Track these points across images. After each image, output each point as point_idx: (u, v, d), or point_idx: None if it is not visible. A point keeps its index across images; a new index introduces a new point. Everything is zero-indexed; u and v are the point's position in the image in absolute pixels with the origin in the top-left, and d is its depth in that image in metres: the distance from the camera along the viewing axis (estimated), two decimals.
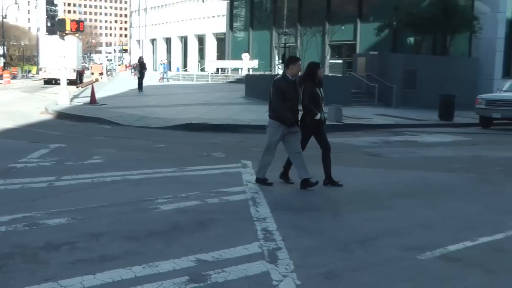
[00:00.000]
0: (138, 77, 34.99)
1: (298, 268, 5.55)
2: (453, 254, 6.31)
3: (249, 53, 50.93)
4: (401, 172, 11.64)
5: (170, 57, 75.74)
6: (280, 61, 42.98)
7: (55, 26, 34.33)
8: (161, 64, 54.22)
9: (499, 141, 19.35)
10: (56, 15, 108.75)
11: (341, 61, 45.20)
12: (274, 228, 6.92)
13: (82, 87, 38.28)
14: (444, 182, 10.81)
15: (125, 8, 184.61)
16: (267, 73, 43.47)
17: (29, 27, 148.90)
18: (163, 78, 50.54)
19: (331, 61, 44.91)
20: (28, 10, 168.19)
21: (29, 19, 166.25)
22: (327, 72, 42.28)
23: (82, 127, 17.96)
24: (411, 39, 38.48)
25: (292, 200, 8.63)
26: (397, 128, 21.38)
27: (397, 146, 16.05)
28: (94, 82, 40.49)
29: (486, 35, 35.73)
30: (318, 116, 9.48)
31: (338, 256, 6.02)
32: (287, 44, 40.41)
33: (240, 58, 49.90)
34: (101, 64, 62.60)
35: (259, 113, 22.80)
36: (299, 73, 9.63)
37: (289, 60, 9.38)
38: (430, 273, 5.68)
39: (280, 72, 42.63)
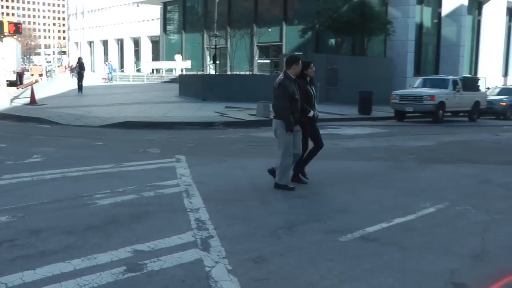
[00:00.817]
0: (77, 78, 34.16)
1: (229, 254, 5.56)
2: (371, 235, 6.46)
3: (181, 55, 50.69)
4: (324, 162, 11.75)
5: (107, 59, 74.40)
6: (212, 62, 42.87)
7: None
8: (106, 65, 53.16)
9: (412, 132, 19.87)
10: None
11: (269, 61, 45.48)
12: (207, 218, 6.90)
13: (22, 88, 37.07)
14: (363, 170, 11.05)
15: (63, 11, 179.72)
16: (199, 73, 43.31)
17: None
18: (108, 78, 49.58)
19: (259, 61, 45.11)
20: None
21: None
22: (255, 71, 42.47)
23: (22, 127, 17.40)
24: (332, 41, 39.06)
25: (224, 191, 8.60)
26: (321, 122, 21.28)
27: (322, 139, 16.21)
28: (34, 83, 39.37)
29: (398, 37, 36.77)
30: (311, 114, 9.19)
31: (267, 242, 6.05)
32: (217, 46, 40.35)
33: (174, 59, 49.56)
34: (40, 65, 60.81)
35: (192, 111, 22.76)
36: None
37: (291, 60, 8.80)
38: (350, 253, 5.79)
39: (212, 72, 43.00)
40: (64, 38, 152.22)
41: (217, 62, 43.02)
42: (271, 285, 4.84)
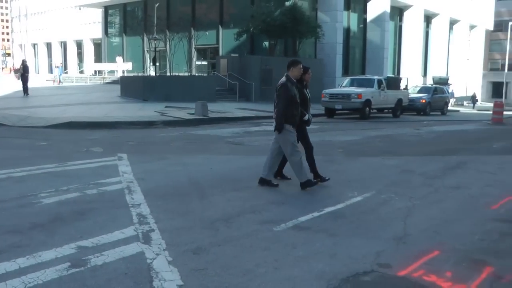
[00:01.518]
0: (22, 81, 32.99)
1: (169, 246, 5.50)
2: (304, 224, 6.52)
3: (122, 57, 49.92)
4: (259, 158, 11.71)
5: (51, 61, 72.39)
6: (152, 63, 42.36)
7: None
8: (56, 67, 51.60)
9: (341, 128, 20.23)
10: None
11: (206, 63, 45.36)
12: (148, 212, 6.80)
13: None
14: None
15: (7, 14, 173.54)
16: (140, 74, 42.71)
17: None
18: (60, 81, 48.14)
19: (197, 62, 44.89)
20: None
21: None
22: (194, 72, 42.22)
23: None
24: (266, 43, 39.28)
25: (164, 187, 8.50)
26: (256, 120, 21.75)
27: (256, 135, 16.31)
28: None
29: (328, 40, 37.38)
30: (306, 117, 8.92)
31: (205, 234, 6.01)
32: (157, 48, 39.88)
33: (115, 61, 48.75)
34: None
35: (133, 110, 22.41)
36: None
37: (291, 63, 8.51)
38: (284, 241, 5.83)
39: (152, 73, 42.43)
40: (8, 40, 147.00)
41: (157, 64, 42.55)
42: (210, 274, 4.82)
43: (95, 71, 55.44)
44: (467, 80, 64.42)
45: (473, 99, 53.71)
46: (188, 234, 5.96)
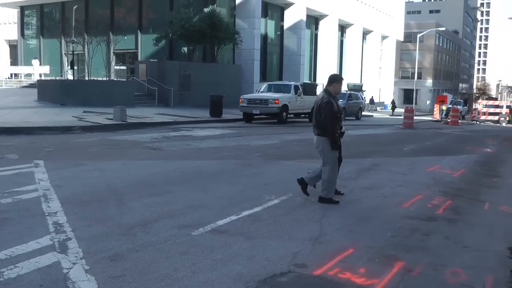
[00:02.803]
0: None
1: (86, 254, 5.33)
2: (221, 228, 6.50)
3: (39, 60, 48.16)
4: (178, 162, 11.73)
5: None
6: (70, 67, 41.10)
7: None
8: None
9: (258, 132, 20.36)
10: None
11: (125, 68, 44.55)
12: (64, 220, 6.56)
13: None
14: (214, 168, 11.11)
15: None
16: (58, 78, 41.32)
17: None
18: None
19: (116, 67, 44.03)
20: None
21: None
22: (112, 77, 41.38)
23: None
24: (185, 49, 39.07)
25: (81, 194, 8.22)
26: (175, 125, 21.56)
27: (175, 140, 16.14)
28: None
29: (246, 46, 37.66)
30: (343, 129, 8.75)
31: (123, 240, 5.87)
32: (75, 52, 38.74)
33: (32, 64, 46.95)
34: None
35: (51, 115, 21.64)
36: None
37: (334, 79, 8.32)
38: (202, 245, 5.79)
39: (70, 77, 41.15)
40: None
41: (75, 68, 41.31)
42: (127, 281, 4.71)
43: (11, 74, 53.07)
44: (380, 87, 66.87)
45: (393, 105, 55.94)
46: (105, 241, 5.80)
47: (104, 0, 44.49)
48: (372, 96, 60.98)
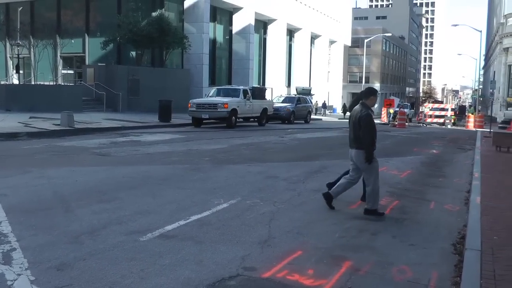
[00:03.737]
0: None
1: (32, 265, 5.20)
2: (170, 233, 6.48)
3: None
4: (126, 168, 11.58)
5: None
6: (15, 71, 39.99)
7: None
8: None
9: (207, 137, 20.32)
10: None
11: (73, 72, 43.61)
12: (9, 230, 6.37)
13: None
14: (163, 174, 11.03)
15: None
16: (2, 82, 40.14)
17: None
18: None
19: (63, 71, 43.07)
20: None
21: None
22: (60, 81, 40.51)
23: None
24: (133, 53, 38.62)
25: (27, 202, 8.01)
26: (123, 130, 21.29)
27: (123, 146, 15.94)
28: None
29: (194, 51, 37.57)
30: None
31: (70, 248, 5.76)
32: (21, 55, 37.73)
33: None
34: None
35: None
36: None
37: (370, 92, 8.24)
38: (150, 251, 5.75)
39: (15, 81, 40.01)
40: None
41: (21, 71, 40.22)
42: None
43: None
44: (329, 91, 67.84)
45: (345, 109, 56.90)
46: (52, 250, 5.67)
47: (50, 2, 43.41)
48: (325, 100, 62.03)
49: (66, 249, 5.74)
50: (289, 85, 56.00)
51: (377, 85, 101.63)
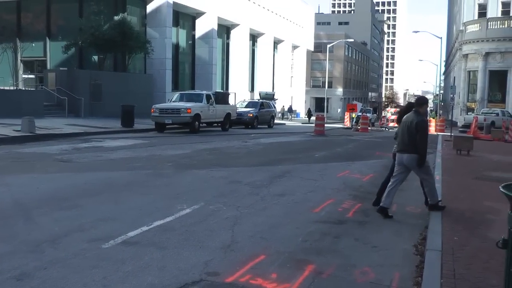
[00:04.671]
0: None
1: None
2: (132, 239, 6.44)
3: None
4: (88, 174, 11.45)
5: None
6: None
7: None
8: None
9: (171, 142, 20.22)
10: None
11: (34, 76, 42.76)
12: None
13: None
14: (125, 179, 10.96)
15: None
16: None
17: None
18: None
19: (24, 75, 42.18)
20: None
21: None
22: (20, 86, 39.70)
23: None
24: (96, 57, 38.16)
25: None
26: (85, 136, 21.03)
27: (85, 152, 15.73)
28: None
29: (157, 55, 37.36)
30: None
31: (30, 257, 5.65)
32: None
33: None
34: None
35: None
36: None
37: (423, 101, 8.71)
38: (113, 258, 5.71)
39: None
40: None
41: None
42: None
43: None
44: (292, 96, 68.25)
45: (309, 113, 57.49)
46: (11, 260, 5.55)
47: (10, 4, 42.42)
48: (291, 105, 62.58)
49: (26, 258, 5.64)
50: (252, 90, 56.15)
51: (339, 90, 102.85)
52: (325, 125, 32.93)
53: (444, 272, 5.37)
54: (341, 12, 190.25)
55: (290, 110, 60.97)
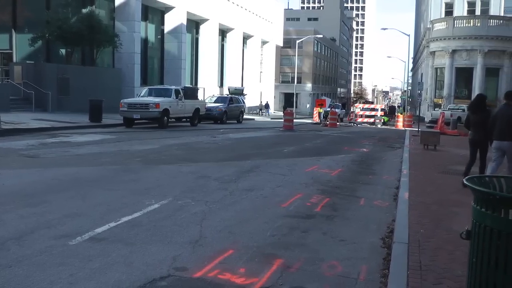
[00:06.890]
0: None
1: None
2: (100, 235, 6.38)
3: None
4: (55, 170, 11.28)
5: None
6: None
7: None
8: None
9: (139, 137, 20.07)
10: None
11: None
12: None
13: None
14: (93, 175, 10.82)
15: None
16: None
17: None
18: None
19: None
20: None
21: None
22: None
23: None
24: (63, 51, 37.54)
25: None
26: (53, 131, 20.71)
27: (52, 147, 15.49)
28: None
29: (126, 50, 36.97)
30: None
31: None
32: None
33: None
34: None
35: None
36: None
37: None
38: (79, 254, 5.64)
39: None
40: None
41: None
42: None
43: None
44: (261, 91, 68.34)
45: (284, 109, 57.87)
46: None
47: None
48: (267, 101, 63.00)
49: None
50: (221, 85, 56.02)
51: (308, 86, 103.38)
52: (294, 120, 33.11)
53: (410, 264, 5.47)
54: (310, 8, 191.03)
55: (267, 106, 61.91)
